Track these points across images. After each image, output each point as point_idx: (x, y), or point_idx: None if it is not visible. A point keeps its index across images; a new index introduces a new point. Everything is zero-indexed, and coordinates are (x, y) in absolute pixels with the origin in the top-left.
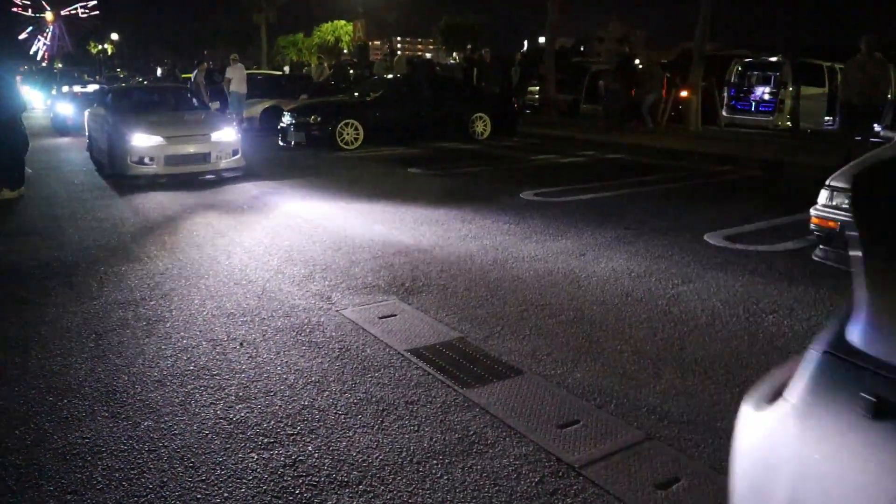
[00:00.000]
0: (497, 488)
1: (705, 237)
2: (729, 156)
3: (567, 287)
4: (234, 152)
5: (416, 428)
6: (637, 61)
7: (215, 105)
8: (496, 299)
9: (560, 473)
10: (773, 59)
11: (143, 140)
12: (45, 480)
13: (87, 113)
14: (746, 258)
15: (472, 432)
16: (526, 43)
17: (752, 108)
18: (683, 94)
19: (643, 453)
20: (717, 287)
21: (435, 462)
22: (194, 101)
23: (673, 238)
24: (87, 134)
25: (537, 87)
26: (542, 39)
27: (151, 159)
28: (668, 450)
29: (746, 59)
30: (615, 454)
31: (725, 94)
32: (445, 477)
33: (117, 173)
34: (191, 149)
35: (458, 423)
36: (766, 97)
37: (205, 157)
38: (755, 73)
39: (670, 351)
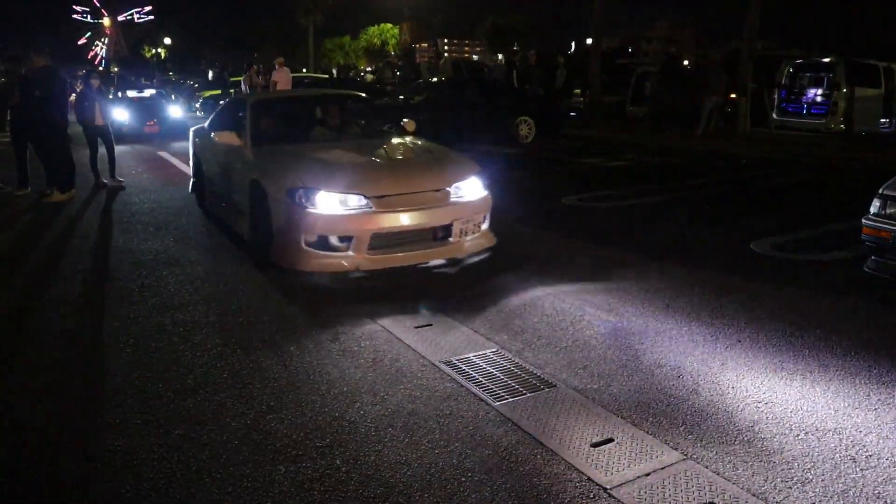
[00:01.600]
0: None
1: (751, 245)
2: (779, 160)
3: (607, 297)
4: (484, 219)
5: (445, 443)
6: (686, 62)
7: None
8: (533, 309)
9: (591, 495)
10: (826, 59)
11: (330, 203)
12: (74, 488)
13: (194, 135)
14: (794, 268)
15: (502, 449)
16: (573, 44)
17: (804, 111)
18: (733, 95)
19: (678, 475)
20: (762, 299)
21: (463, 479)
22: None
23: (718, 246)
24: (192, 166)
25: (584, 89)
26: (589, 40)
27: (345, 240)
28: (705, 472)
29: (797, 60)
30: (649, 475)
31: (776, 96)
32: (474, 496)
33: (279, 263)
34: (415, 219)
35: (489, 438)
36: (819, 99)
37: (438, 234)
38: (807, 74)
39: (711, 365)
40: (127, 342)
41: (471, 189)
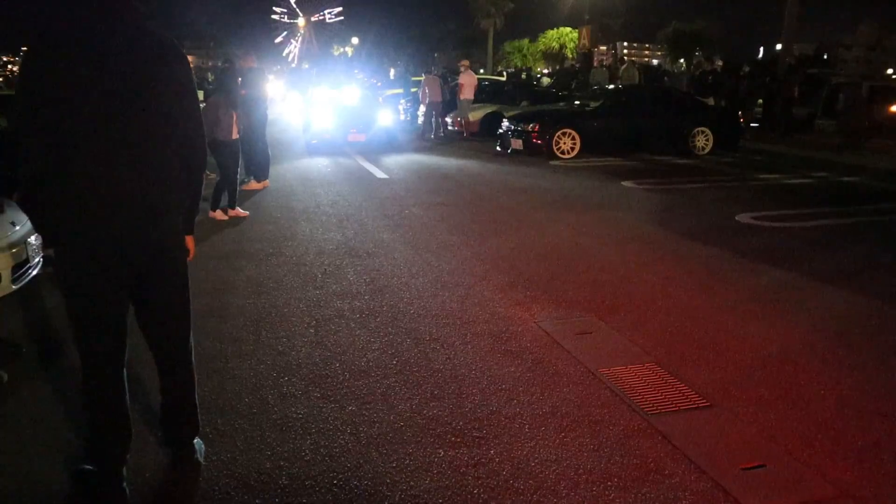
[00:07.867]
0: None
1: None
2: None
3: (776, 321)
4: None
5: (595, 448)
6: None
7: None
8: (696, 327)
9: None
10: None
11: None
12: (264, 446)
13: None
14: None
15: (650, 460)
16: (762, 50)
17: None
18: None
19: None
20: None
21: (609, 484)
22: None
23: None
24: None
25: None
26: (778, 46)
27: None
28: None
29: None
30: None
31: None
32: (618, 501)
33: None
34: None
35: (639, 448)
36: None
37: None
38: None
39: (887, 403)
40: (310, 323)
41: None
